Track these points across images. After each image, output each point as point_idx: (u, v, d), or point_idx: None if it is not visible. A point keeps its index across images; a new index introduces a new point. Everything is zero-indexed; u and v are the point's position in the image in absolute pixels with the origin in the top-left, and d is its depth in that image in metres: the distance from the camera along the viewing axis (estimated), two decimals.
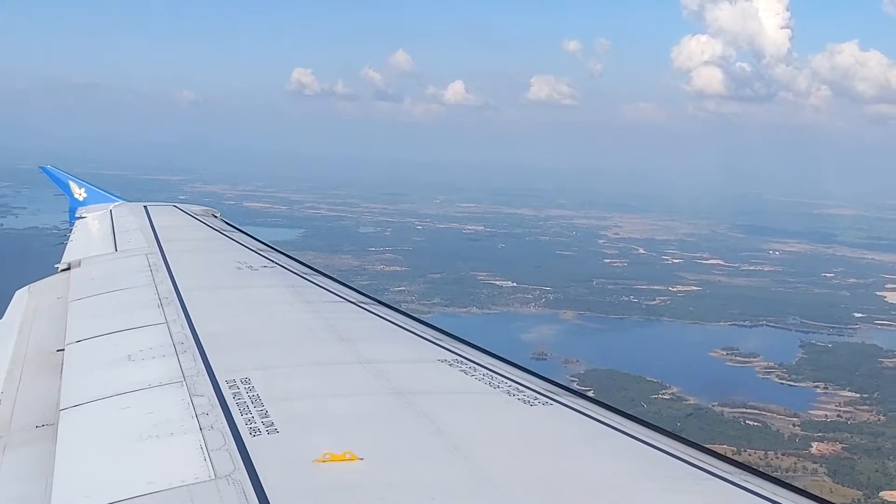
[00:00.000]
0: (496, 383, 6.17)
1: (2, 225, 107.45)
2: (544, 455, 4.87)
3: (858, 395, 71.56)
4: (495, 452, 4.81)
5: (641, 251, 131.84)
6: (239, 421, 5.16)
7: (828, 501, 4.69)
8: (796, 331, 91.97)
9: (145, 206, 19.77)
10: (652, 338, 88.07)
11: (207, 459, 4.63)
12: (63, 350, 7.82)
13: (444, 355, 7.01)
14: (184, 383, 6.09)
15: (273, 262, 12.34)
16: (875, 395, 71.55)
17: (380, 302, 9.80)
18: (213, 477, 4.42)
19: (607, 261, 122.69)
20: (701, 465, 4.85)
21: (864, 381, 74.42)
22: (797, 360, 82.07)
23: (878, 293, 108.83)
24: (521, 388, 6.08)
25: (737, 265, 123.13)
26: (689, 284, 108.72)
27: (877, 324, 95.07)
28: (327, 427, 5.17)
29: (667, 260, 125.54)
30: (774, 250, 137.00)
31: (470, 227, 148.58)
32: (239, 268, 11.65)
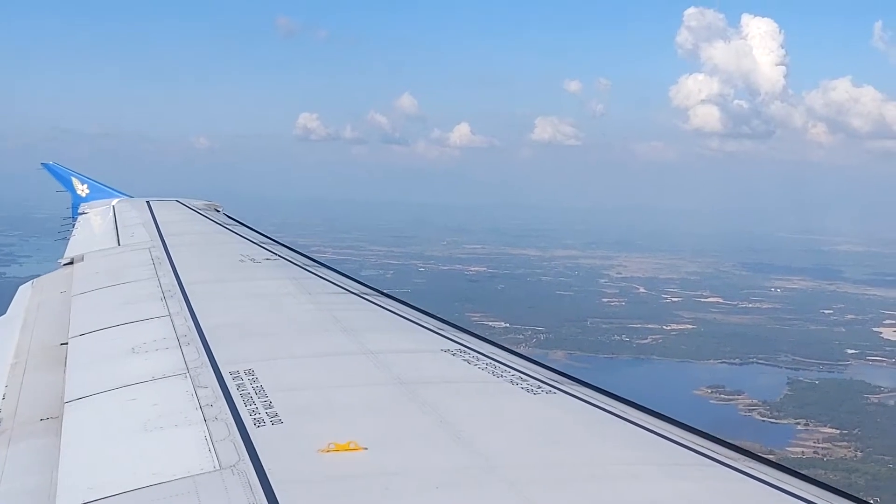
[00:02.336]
0: (499, 372, 6.18)
1: (4, 274, 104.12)
2: (548, 443, 4.87)
3: (838, 432, 70.65)
4: (499, 441, 4.81)
5: (642, 290, 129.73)
6: (243, 412, 5.16)
7: (831, 487, 4.68)
8: (786, 368, 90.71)
9: (148, 202, 19.81)
10: (638, 377, 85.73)
11: (212, 450, 4.64)
12: (67, 343, 7.84)
13: (447, 345, 7.02)
14: (188, 375, 6.10)
15: (276, 254, 12.36)
16: (856, 431, 70.59)
17: (382, 293, 9.81)
18: (217, 468, 4.42)
19: (605, 300, 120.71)
20: (705, 451, 4.85)
21: (846, 418, 73.45)
22: (782, 397, 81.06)
23: (874, 329, 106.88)
24: (525, 376, 6.08)
25: (735, 303, 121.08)
26: (684, 323, 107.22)
27: (868, 360, 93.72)
28: (331, 417, 5.17)
29: (666, 299, 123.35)
30: (776, 287, 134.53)
31: (472, 269, 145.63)
32: (242, 260, 11.67)
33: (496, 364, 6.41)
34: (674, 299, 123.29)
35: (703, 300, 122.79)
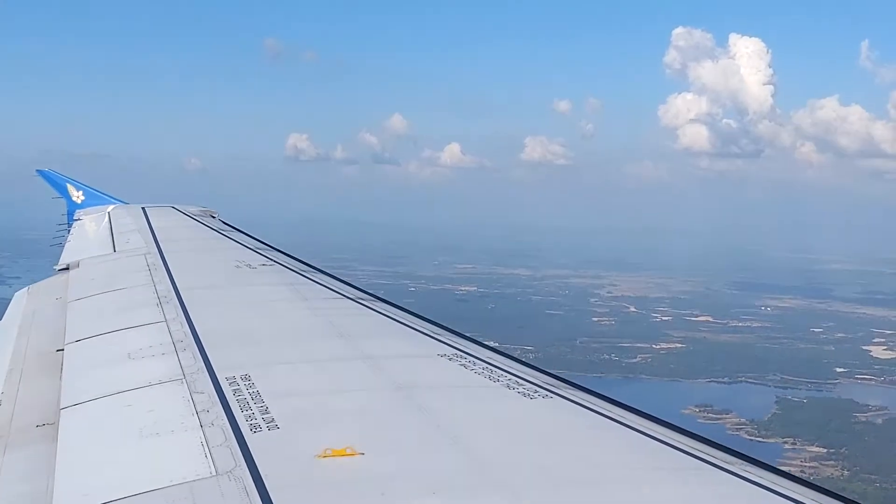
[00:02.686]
0: (496, 377, 6.17)
1: None
2: (545, 447, 4.87)
3: (825, 451, 70.85)
4: (496, 445, 4.81)
5: (632, 309, 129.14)
6: (239, 417, 5.15)
7: (829, 490, 4.69)
8: (775, 386, 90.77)
9: (143, 208, 19.80)
10: (626, 396, 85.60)
11: (208, 456, 4.63)
12: (63, 350, 7.83)
13: (443, 350, 7.01)
14: (184, 381, 6.09)
15: (272, 260, 12.35)
16: (843, 450, 70.75)
17: (379, 298, 9.81)
18: (214, 473, 4.41)
19: (595, 319, 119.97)
20: (702, 455, 4.85)
21: (834, 437, 73.54)
22: (770, 416, 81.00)
23: (863, 347, 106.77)
24: (521, 381, 6.08)
25: (725, 322, 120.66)
26: (674, 342, 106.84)
27: (857, 378, 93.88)
28: (328, 422, 5.16)
29: (656, 318, 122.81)
30: (767, 306, 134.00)
31: (463, 289, 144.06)
32: (238, 266, 11.66)
33: (492, 368, 6.41)
34: (664, 318, 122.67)
35: (693, 319, 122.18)
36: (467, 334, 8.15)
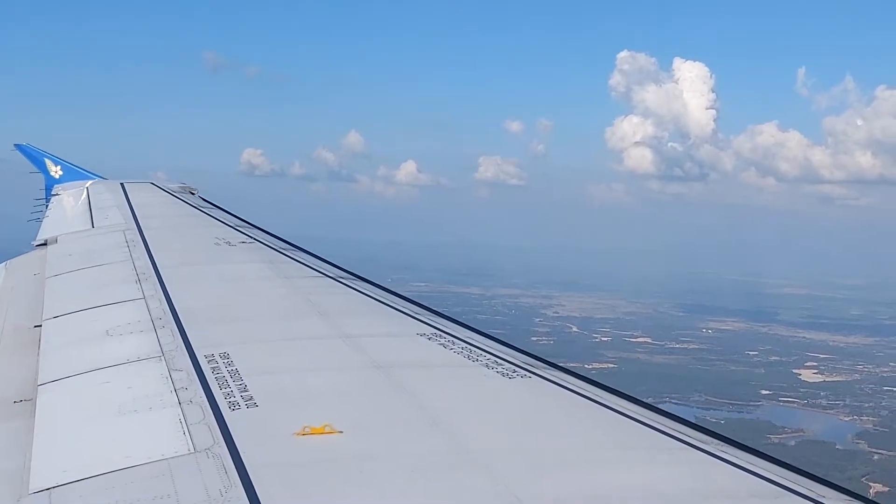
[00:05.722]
0: (475, 356, 6.20)
1: None
2: (524, 428, 4.90)
3: None
4: (475, 425, 4.83)
5: (574, 329, 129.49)
6: (218, 395, 5.15)
7: (800, 469, 4.74)
8: (697, 407, 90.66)
9: (122, 184, 19.60)
10: None
11: (187, 433, 4.63)
12: (40, 326, 7.78)
13: (422, 329, 7.03)
14: (162, 358, 6.08)
15: (251, 237, 12.30)
16: None
17: (358, 277, 9.81)
18: (192, 451, 4.41)
19: (534, 339, 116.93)
20: (679, 435, 4.89)
21: None
22: None
23: (794, 371, 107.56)
24: (500, 360, 6.11)
25: (664, 343, 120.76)
26: (606, 362, 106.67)
27: (781, 401, 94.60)
28: (306, 400, 5.17)
29: (596, 338, 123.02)
30: (708, 329, 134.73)
31: None
32: (217, 244, 11.61)
33: (471, 348, 6.43)
34: (603, 339, 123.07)
35: (632, 340, 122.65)
36: (447, 314, 8.16)
